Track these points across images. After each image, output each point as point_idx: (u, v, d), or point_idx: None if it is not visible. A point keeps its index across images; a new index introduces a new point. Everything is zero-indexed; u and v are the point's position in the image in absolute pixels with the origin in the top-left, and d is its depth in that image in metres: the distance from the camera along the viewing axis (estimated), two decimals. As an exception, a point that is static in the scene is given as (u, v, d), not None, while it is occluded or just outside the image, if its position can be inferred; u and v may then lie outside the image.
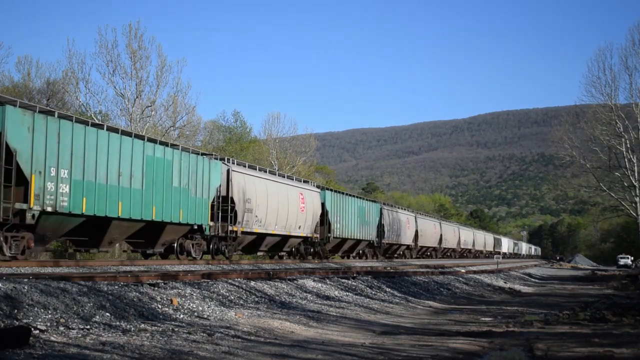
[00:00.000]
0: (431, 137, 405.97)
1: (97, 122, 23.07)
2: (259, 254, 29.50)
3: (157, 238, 20.24)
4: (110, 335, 7.91)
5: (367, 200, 41.13)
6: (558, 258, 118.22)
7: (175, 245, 21.53)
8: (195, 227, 21.54)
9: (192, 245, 22.04)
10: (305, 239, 30.55)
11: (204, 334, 8.62)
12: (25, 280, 9.53)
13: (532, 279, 37.42)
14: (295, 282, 15.45)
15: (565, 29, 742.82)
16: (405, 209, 51.93)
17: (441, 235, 58.71)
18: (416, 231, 50.29)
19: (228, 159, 24.94)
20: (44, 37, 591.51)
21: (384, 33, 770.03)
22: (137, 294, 10.40)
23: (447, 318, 13.85)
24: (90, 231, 17.56)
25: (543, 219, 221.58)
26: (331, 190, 34.86)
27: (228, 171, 23.72)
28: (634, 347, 8.71)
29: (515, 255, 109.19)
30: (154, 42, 41.28)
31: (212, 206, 22.56)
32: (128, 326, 8.62)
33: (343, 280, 17.62)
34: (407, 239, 47.89)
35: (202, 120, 59.21)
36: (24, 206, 14.79)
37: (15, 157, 14.55)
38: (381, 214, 41.90)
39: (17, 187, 14.70)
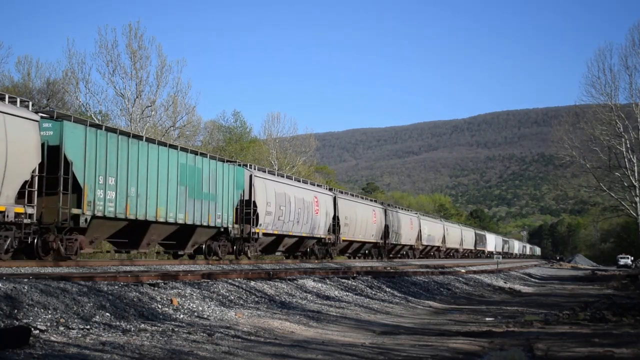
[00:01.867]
0: (431, 137, 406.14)
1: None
2: None
3: None
4: (110, 335, 7.90)
5: (208, 157, 23.20)
6: (558, 258, 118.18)
7: None
8: None
9: None
10: None
11: (204, 334, 8.62)
12: (25, 280, 9.53)
13: (532, 279, 37.42)
14: (295, 282, 15.45)
15: (565, 29, 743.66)
16: (313, 184, 33.88)
17: (387, 226, 42.63)
18: (336, 218, 34.02)
19: None
20: (44, 37, 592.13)
21: (384, 33, 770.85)
22: (137, 294, 10.40)
23: (447, 318, 13.85)
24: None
25: (543, 219, 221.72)
26: (88, 125, 17.67)
27: None
28: (634, 347, 8.71)
29: (506, 256, 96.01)
30: (154, 42, 41.27)
31: None
32: (128, 326, 8.62)
33: (343, 280, 17.62)
34: (316, 228, 31.40)
35: (202, 120, 59.22)
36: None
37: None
38: (251, 185, 25.32)
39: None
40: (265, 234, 26.46)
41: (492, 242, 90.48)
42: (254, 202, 25.45)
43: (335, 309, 13.33)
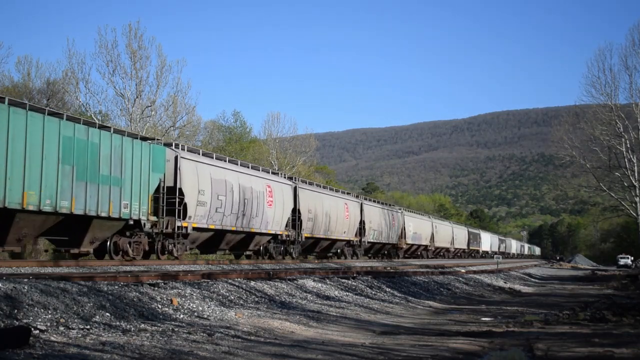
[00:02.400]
0: (431, 137, 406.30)
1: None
2: None
3: None
4: (110, 335, 7.91)
5: (111, 131, 18.53)
6: (558, 258, 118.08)
7: None
8: None
9: None
10: None
11: (204, 334, 8.62)
12: (25, 280, 9.53)
13: (532, 279, 37.42)
14: (295, 282, 15.45)
15: (565, 29, 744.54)
16: (267, 171, 28.99)
17: (363, 222, 38.12)
18: (297, 211, 29.28)
19: None
20: (44, 37, 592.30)
21: (384, 33, 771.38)
22: (137, 294, 10.40)
23: (447, 318, 13.85)
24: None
25: (543, 219, 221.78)
26: None
27: None
28: (634, 347, 8.71)
29: (502, 256, 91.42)
30: (154, 42, 41.37)
31: None
32: (128, 326, 8.62)
33: (343, 280, 17.63)
34: (270, 223, 26.64)
35: (202, 120, 59.22)
36: None
37: None
38: (177, 168, 21.04)
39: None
40: (197, 229, 22.08)
41: (487, 241, 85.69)
42: (180, 189, 20.92)
43: (335, 309, 13.33)
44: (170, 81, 44.89)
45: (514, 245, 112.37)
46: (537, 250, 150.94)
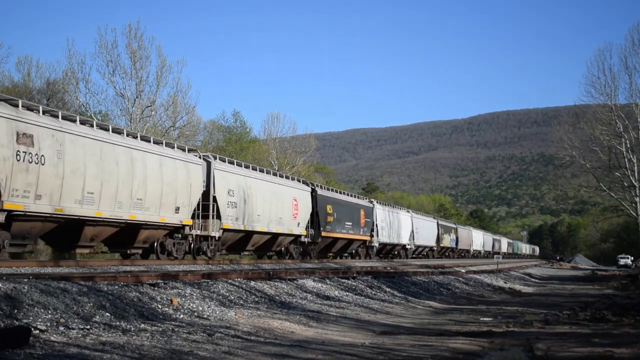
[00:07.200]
0: (431, 137, 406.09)
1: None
2: None
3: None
4: (110, 335, 7.91)
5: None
6: (558, 258, 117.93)
7: None
8: None
9: None
10: None
11: (204, 334, 8.63)
12: (25, 280, 9.53)
13: (532, 279, 37.42)
14: (295, 282, 15.45)
15: (565, 29, 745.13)
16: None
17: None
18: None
19: None
20: (44, 37, 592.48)
21: (384, 33, 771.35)
22: (137, 294, 10.40)
23: (447, 318, 13.85)
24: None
25: (543, 219, 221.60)
26: None
27: None
28: (634, 347, 8.72)
29: (458, 255, 62.72)
30: (154, 42, 41.12)
31: None
32: (128, 326, 8.62)
33: (343, 280, 17.63)
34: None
35: (202, 120, 59.08)
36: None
37: None
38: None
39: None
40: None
41: (422, 230, 50.19)
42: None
43: (335, 309, 13.33)
44: (170, 81, 44.48)
45: (477, 239, 71.54)
46: (527, 249, 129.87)
